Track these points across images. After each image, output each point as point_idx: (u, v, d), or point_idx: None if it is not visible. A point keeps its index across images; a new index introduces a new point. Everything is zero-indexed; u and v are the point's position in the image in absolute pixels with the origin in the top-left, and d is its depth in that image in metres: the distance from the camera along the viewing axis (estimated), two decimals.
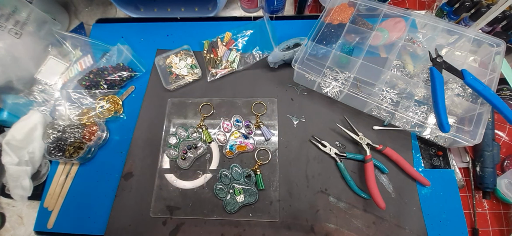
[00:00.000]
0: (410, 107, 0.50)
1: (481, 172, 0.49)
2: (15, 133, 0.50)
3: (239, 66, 0.60)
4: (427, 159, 0.51)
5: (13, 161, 0.49)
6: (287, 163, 0.51)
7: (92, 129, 0.54)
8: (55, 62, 0.61)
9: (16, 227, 0.52)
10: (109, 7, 0.74)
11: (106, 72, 0.58)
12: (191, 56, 0.61)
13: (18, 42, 0.55)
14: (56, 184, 0.52)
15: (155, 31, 0.68)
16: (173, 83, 0.58)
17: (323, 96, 0.56)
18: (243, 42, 0.63)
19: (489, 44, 0.51)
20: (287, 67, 0.59)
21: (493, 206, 0.50)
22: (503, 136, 0.53)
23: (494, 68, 0.49)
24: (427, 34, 0.57)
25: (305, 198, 0.48)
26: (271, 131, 0.54)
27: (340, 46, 0.55)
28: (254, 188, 0.48)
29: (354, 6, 0.57)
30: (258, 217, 0.47)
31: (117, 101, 0.58)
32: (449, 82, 0.52)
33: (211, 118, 0.56)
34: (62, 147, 0.52)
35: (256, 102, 0.57)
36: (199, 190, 0.50)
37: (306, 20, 0.67)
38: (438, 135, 0.50)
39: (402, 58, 0.57)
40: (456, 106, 0.51)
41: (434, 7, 0.70)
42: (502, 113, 0.45)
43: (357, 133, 0.51)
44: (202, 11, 0.72)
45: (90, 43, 0.63)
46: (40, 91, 0.59)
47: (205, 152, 0.53)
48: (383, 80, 0.51)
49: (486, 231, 0.48)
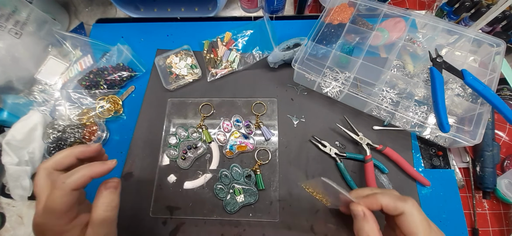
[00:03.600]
0: (410, 107, 0.50)
1: (481, 172, 0.49)
2: (15, 133, 0.50)
3: (239, 66, 0.60)
4: (427, 159, 0.51)
5: (13, 161, 0.49)
6: (287, 163, 0.51)
7: (92, 129, 0.54)
8: (55, 62, 0.61)
9: (16, 227, 0.52)
10: (109, 7, 0.74)
11: (106, 72, 0.59)
12: (191, 56, 0.61)
13: (18, 42, 0.55)
14: None
15: (155, 31, 0.68)
16: (173, 83, 0.58)
17: (323, 96, 0.56)
18: (243, 42, 0.63)
19: (489, 44, 0.51)
20: (287, 67, 0.59)
21: (493, 206, 0.50)
22: (503, 136, 0.53)
23: (494, 68, 0.49)
24: (427, 34, 0.57)
25: (305, 198, 0.48)
26: (271, 131, 0.54)
27: (340, 46, 0.55)
28: (254, 188, 0.48)
29: (354, 6, 0.57)
30: (258, 217, 0.47)
31: (117, 101, 0.58)
32: (449, 82, 0.52)
33: (211, 117, 0.56)
34: (62, 147, 0.52)
35: (256, 102, 0.57)
36: (199, 190, 0.50)
37: (306, 20, 0.67)
38: (438, 135, 0.50)
39: (402, 58, 0.57)
40: (456, 106, 0.51)
41: (434, 7, 0.70)
42: (502, 113, 0.45)
43: (357, 133, 0.51)
44: (202, 11, 0.72)
45: (90, 43, 0.63)
46: (40, 91, 0.59)
47: (205, 152, 0.53)
48: (383, 80, 0.51)
49: (486, 231, 0.48)
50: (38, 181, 0.30)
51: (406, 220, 0.31)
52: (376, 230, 0.33)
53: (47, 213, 0.29)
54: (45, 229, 0.29)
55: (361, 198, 0.35)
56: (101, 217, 0.31)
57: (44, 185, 0.30)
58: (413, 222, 0.31)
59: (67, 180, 0.29)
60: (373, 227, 0.33)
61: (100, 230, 0.31)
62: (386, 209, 0.33)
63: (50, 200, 0.29)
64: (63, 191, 0.29)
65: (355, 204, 0.34)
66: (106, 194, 0.32)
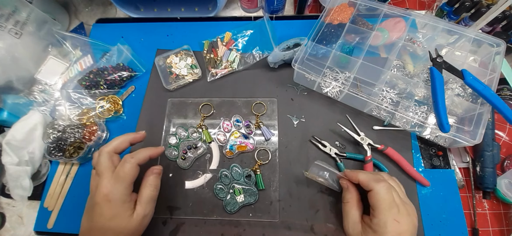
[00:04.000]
0: (410, 107, 0.50)
1: (481, 172, 0.49)
2: (15, 133, 0.50)
3: (239, 66, 0.60)
4: (427, 159, 0.51)
5: (13, 161, 0.49)
6: (287, 163, 0.51)
7: (92, 129, 0.54)
8: (55, 62, 0.61)
9: (16, 227, 0.52)
10: (109, 7, 0.74)
11: (106, 72, 0.58)
12: (191, 56, 0.61)
13: (18, 42, 0.55)
14: (56, 184, 0.52)
15: (155, 31, 0.68)
16: (173, 83, 0.58)
17: (323, 96, 0.56)
18: (243, 42, 0.63)
19: (489, 44, 0.51)
20: (287, 67, 0.59)
21: (493, 206, 0.50)
22: (503, 136, 0.53)
23: (494, 68, 0.49)
24: (427, 34, 0.57)
25: (305, 198, 0.48)
26: (271, 131, 0.54)
27: (340, 46, 0.55)
28: (254, 188, 0.48)
29: (354, 6, 0.57)
30: (258, 217, 0.47)
31: (117, 101, 0.58)
32: (449, 82, 0.52)
33: (211, 118, 0.56)
34: (62, 147, 0.52)
35: (256, 102, 0.57)
36: (199, 190, 0.50)
37: (306, 20, 0.67)
38: (438, 135, 0.50)
39: (402, 58, 0.57)
40: (456, 106, 0.51)
41: (434, 7, 0.70)
42: (502, 113, 0.45)
43: (358, 133, 0.51)
44: (202, 11, 0.72)
45: (90, 43, 0.63)
46: (40, 91, 0.59)
47: (205, 152, 0.53)
48: (383, 80, 0.51)
49: (486, 231, 0.48)
50: (103, 161, 0.37)
51: (373, 196, 0.37)
52: (355, 198, 0.41)
53: (117, 182, 0.37)
54: (112, 198, 0.36)
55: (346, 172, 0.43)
56: (149, 195, 0.40)
57: (108, 164, 0.37)
58: (377, 199, 0.37)
59: (135, 156, 0.39)
60: (353, 195, 0.41)
61: (147, 206, 0.39)
62: (362, 183, 0.39)
63: (121, 171, 0.37)
64: (131, 165, 0.38)
65: (342, 179, 0.43)
66: (152, 177, 0.41)
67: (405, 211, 0.37)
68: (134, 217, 0.37)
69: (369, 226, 0.37)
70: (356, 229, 0.38)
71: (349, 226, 0.40)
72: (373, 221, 0.37)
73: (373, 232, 0.36)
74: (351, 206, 0.40)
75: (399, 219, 0.35)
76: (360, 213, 0.40)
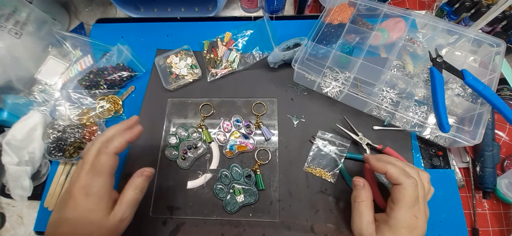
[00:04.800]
0: (410, 107, 0.50)
1: (481, 172, 0.49)
2: (15, 133, 0.50)
3: (239, 66, 0.60)
4: (427, 159, 0.51)
5: (13, 161, 0.49)
6: (287, 163, 0.51)
7: (92, 129, 0.54)
8: (55, 62, 0.61)
9: (16, 227, 0.52)
10: (109, 7, 0.74)
11: (106, 72, 0.59)
12: (191, 56, 0.61)
13: (18, 42, 0.55)
14: (56, 184, 0.52)
15: (155, 31, 0.68)
16: (173, 83, 0.58)
17: (323, 96, 0.56)
18: (243, 42, 0.63)
19: (489, 44, 0.51)
20: (287, 67, 0.59)
21: (493, 206, 0.50)
22: (503, 136, 0.53)
23: (494, 68, 0.49)
24: (427, 34, 0.57)
25: (305, 198, 0.48)
26: (271, 131, 0.54)
27: (340, 46, 0.55)
28: (254, 188, 0.48)
29: (354, 6, 0.57)
30: (258, 217, 0.47)
31: (117, 101, 0.58)
32: (449, 82, 0.52)
33: (211, 117, 0.56)
34: (62, 147, 0.52)
35: (256, 102, 0.57)
36: (199, 190, 0.50)
37: (306, 20, 0.67)
38: (438, 135, 0.50)
39: (402, 58, 0.57)
40: (456, 106, 0.51)
41: (434, 7, 0.70)
42: (502, 113, 0.45)
43: (357, 133, 0.51)
44: (202, 11, 0.72)
45: (90, 43, 0.63)
46: (40, 91, 0.59)
47: (205, 152, 0.53)
48: (383, 80, 0.51)
49: (486, 231, 0.48)
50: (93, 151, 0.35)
51: (399, 190, 0.35)
52: (371, 197, 0.39)
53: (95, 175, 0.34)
54: (89, 191, 0.34)
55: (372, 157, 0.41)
56: (131, 197, 0.37)
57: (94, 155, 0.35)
58: (403, 194, 0.35)
59: (110, 145, 0.36)
60: (369, 195, 0.39)
61: (127, 209, 0.36)
62: (390, 176, 0.37)
63: (98, 164, 0.35)
64: (108, 156, 0.35)
65: (358, 178, 0.41)
66: (140, 180, 0.39)
67: (424, 208, 0.36)
68: (110, 218, 0.35)
69: (384, 222, 0.36)
70: (370, 229, 0.37)
71: (363, 226, 0.37)
72: (391, 215, 0.35)
73: (389, 227, 0.35)
74: (366, 205, 0.39)
75: (418, 215, 0.35)
76: (373, 212, 0.39)
